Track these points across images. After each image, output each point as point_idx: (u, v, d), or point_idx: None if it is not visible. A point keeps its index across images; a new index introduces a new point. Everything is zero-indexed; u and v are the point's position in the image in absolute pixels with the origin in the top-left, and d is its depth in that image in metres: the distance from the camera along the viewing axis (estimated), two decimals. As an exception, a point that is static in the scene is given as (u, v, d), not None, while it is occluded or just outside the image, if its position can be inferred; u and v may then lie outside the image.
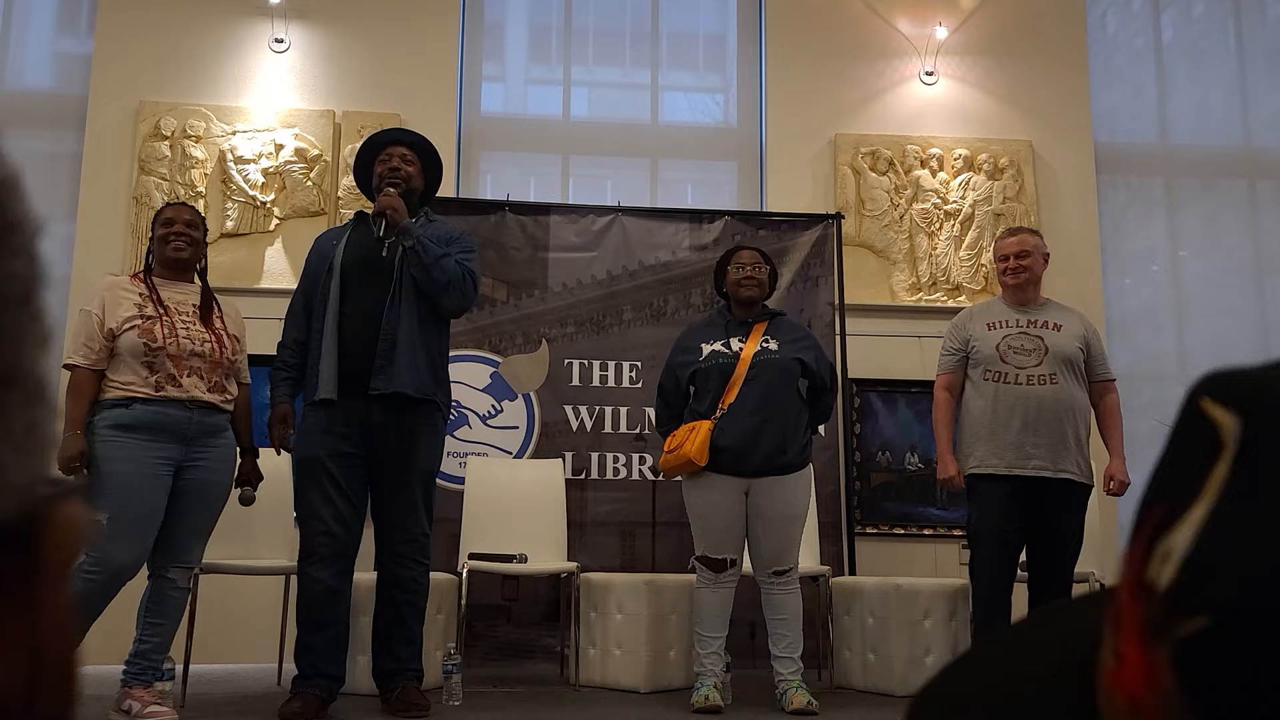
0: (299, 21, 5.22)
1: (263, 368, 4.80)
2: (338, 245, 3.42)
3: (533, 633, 4.55)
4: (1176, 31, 5.95)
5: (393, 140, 3.52)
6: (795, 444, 3.57)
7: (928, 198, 5.30)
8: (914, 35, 5.50)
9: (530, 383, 4.78)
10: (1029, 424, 3.50)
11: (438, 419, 3.40)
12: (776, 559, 3.54)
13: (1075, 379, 3.58)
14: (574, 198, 5.39)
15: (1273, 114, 5.86)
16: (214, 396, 3.21)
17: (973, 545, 3.62)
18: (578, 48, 5.64)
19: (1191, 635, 0.30)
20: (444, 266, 3.30)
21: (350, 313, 3.31)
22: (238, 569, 3.83)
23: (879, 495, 5.01)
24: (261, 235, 4.98)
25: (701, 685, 3.51)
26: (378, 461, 3.30)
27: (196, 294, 3.32)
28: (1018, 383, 3.54)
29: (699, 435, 3.52)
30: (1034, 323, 3.63)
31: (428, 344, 3.35)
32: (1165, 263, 5.68)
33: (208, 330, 3.25)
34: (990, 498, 3.53)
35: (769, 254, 3.90)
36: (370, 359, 3.25)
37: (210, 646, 4.31)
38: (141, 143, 4.97)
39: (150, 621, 3.19)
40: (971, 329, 3.70)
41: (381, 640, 3.36)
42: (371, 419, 3.26)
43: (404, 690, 3.27)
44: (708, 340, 3.67)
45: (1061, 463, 3.49)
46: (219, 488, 3.25)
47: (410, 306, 3.31)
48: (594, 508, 4.68)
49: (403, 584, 3.33)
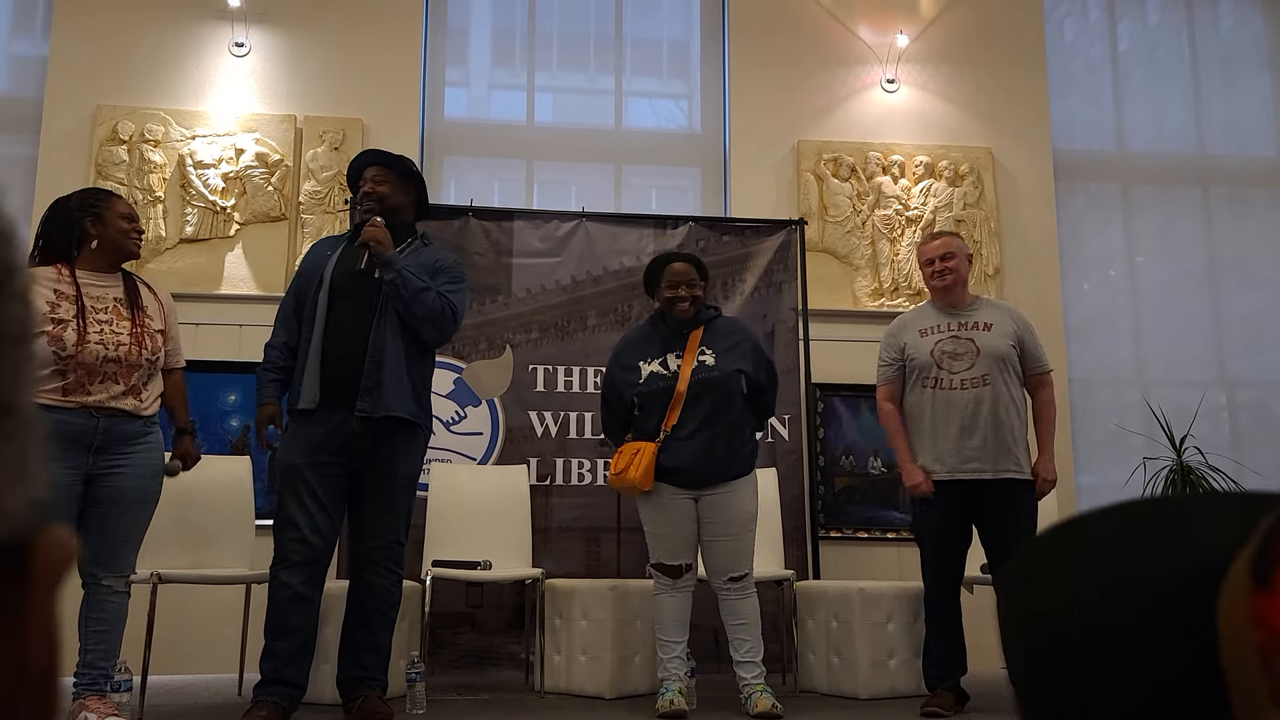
0: (260, 25, 5.18)
1: (224, 374, 4.77)
2: (331, 256, 3.43)
3: (497, 640, 4.53)
4: (1133, 40, 6.05)
5: (369, 162, 3.54)
6: (741, 453, 3.59)
7: (889, 204, 5.35)
8: (875, 43, 5.55)
9: (494, 388, 4.77)
10: (965, 428, 3.56)
11: (419, 434, 3.42)
12: (731, 565, 3.55)
13: (1009, 376, 3.63)
14: (538, 203, 5.38)
15: (1226, 122, 5.97)
16: (128, 402, 3.12)
17: (923, 550, 3.69)
18: (542, 53, 5.63)
19: None
20: (423, 300, 3.31)
21: (337, 326, 3.32)
22: (197, 578, 3.78)
23: (842, 499, 5.04)
24: (222, 241, 4.93)
25: (666, 690, 3.51)
26: (358, 470, 3.31)
27: (119, 285, 3.21)
28: (952, 387, 3.60)
29: (643, 459, 3.52)
30: (964, 325, 3.68)
31: (411, 368, 3.36)
32: (1123, 268, 5.77)
33: (130, 324, 3.14)
34: (931, 504, 3.61)
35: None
36: (354, 374, 3.26)
37: (169, 657, 4.25)
38: (98, 147, 4.90)
39: (93, 631, 3.13)
40: (905, 338, 3.74)
41: (348, 648, 3.34)
42: (352, 432, 3.26)
43: (366, 699, 3.25)
44: (645, 358, 3.65)
45: (1001, 462, 3.56)
46: (141, 493, 3.16)
47: (396, 330, 3.33)
48: (559, 513, 4.67)
49: (375, 592, 3.32)
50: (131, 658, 3.36)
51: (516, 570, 4.15)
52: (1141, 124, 5.91)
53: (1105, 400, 5.52)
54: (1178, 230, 5.81)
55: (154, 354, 3.20)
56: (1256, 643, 0.33)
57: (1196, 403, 5.47)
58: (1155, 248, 5.80)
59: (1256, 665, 0.33)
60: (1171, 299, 5.74)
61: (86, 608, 3.16)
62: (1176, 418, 5.26)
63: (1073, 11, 6.05)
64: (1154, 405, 5.36)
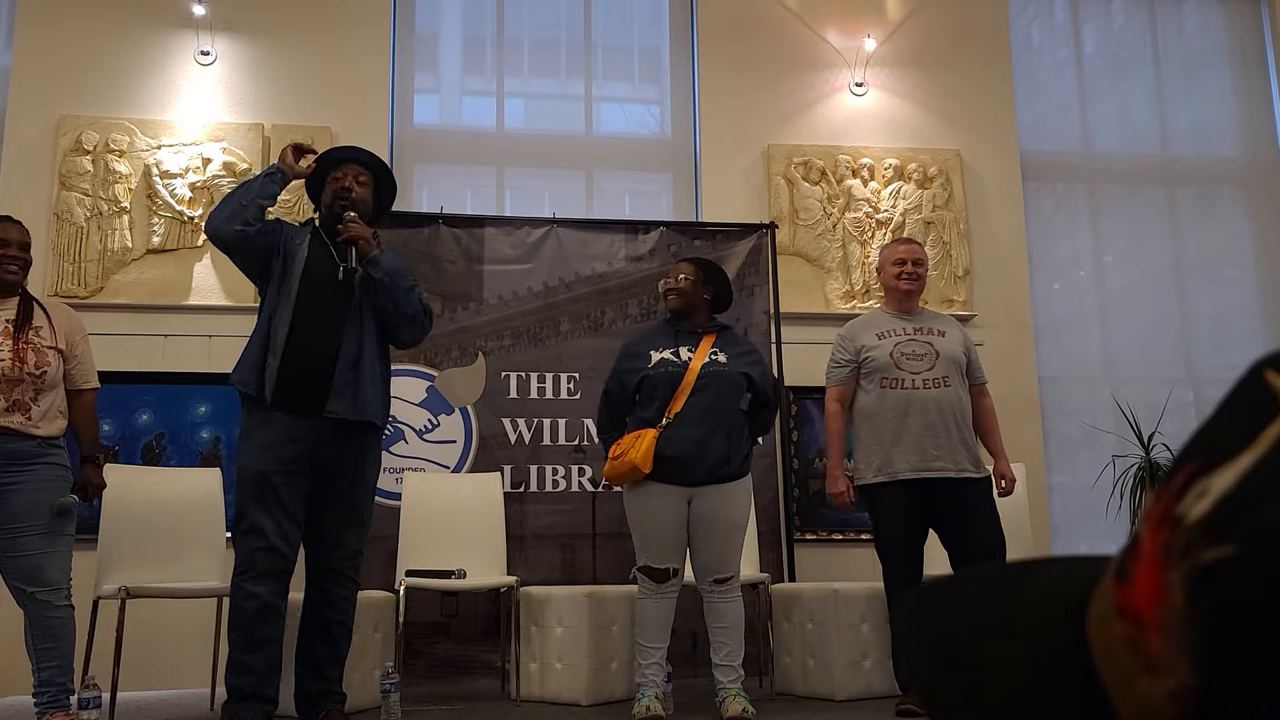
0: (225, 34, 5.14)
1: (194, 385, 4.72)
2: (300, 246, 3.29)
3: (473, 649, 4.50)
4: (1098, 43, 6.12)
5: (349, 158, 3.44)
6: (739, 454, 3.58)
7: (859, 207, 5.38)
8: (843, 47, 5.58)
9: (467, 396, 4.75)
10: (929, 426, 3.59)
11: (380, 438, 3.40)
12: (718, 566, 3.55)
13: (961, 381, 3.71)
14: (510, 209, 5.37)
15: (1189, 124, 6.04)
16: (14, 419, 3.08)
17: (883, 554, 3.68)
18: (512, 59, 5.62)
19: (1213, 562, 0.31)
20: (411, 299, 3.28)
21: (306, 323, 3.18)
22: (166, 591, 3.74)
23: (817, 502, 5.05)
24: (190, 251, 4.88)
25: (642, 695, 3.50)
26: (323, 478, 3.21)
27: (13, 309, 3.18)
28: (913, 387, 3.64)
29: (644, 443, 3.49)
30: (921, 330, 3.74)
31: (382, 370, 3.33)
32: (1091, 268, 5.83)
33: (13, 342, 3.10)
34: (894, 505, 3.61)
35: (710, 263, 3.89)
36: (323, 377, 3.15)
37: (140, 672, 4.20)
38: (62, 157, 4.84)
39: (41, 649, 3.10)
40: (862, 339, 3.77)
41: (308, 661, 3.25)
42: (322, 436, 3.17)
43: (330, 714, 3.20)
44: (657, 347, 3.66)
45: (961, 462, 3.61)
46: (45, 507, 3.13)
47: (370, 331, 3.26)
48: (533, 521, 4.66)
49: (335, 603, 3.26)
50: (100, 674, 3.32)
51: (491, 579, 4.13)
52: (1107, 125, 5.97)
53: (1075, 399, 5.57)
54: (1144, 230, 5.87)
55: (38, 369, 3.15)
56: (1122, 634, 0.34)
57: (1164, 400, 5.52)
58: (1123, 247, 5.86)
59: (1129, 658, 0.33)
60: (1139, 298, 5.80)
61: (30, 626, 3.12)
62: (1145, 415, 5.31)
63: (1039, 15, 6.10)
64: (1123, 403, 5.41)
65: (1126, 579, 0.34)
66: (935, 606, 0.44)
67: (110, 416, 4.58)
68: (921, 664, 0.43)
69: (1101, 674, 0.35)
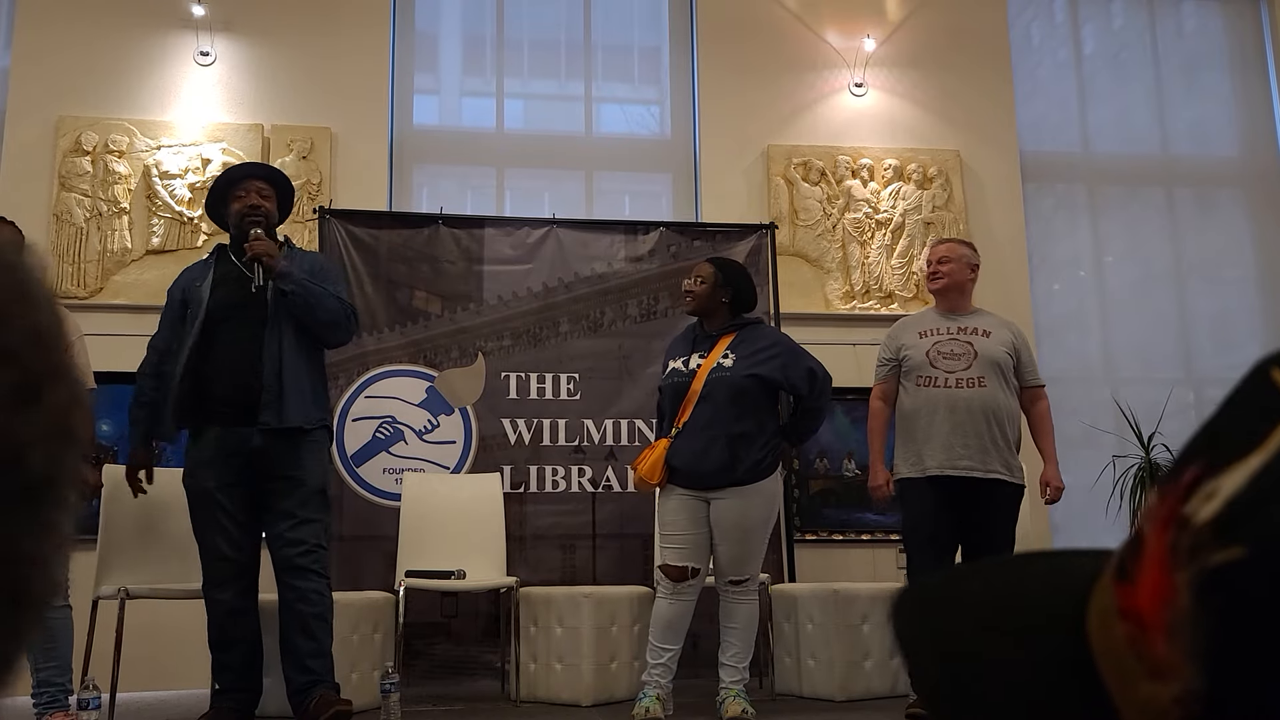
0: (225, 34, 5.14)
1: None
2: (201, 286, 3.42)
3: (473, 649, 4.50)
4: (1097, 44, 6.12)
5: (247, 175, 3.55)
6: (748, 459, 3.55)
7: (859, 207, 5.38)
8: (843, 48, 5.58)
9: (467, 396, 4.75)
10: (957, 426, 3.57)
11: (323, 437, 3.45)
12: (731, 569, 3.59)
13: (1004, 384, 3.66)
14: (509, 210, 5.37)
15: (1189, 124, 6.05)
16: None
17: (908, 548, 3.70)
18: (512, 60, 5.63)
19: (1222, 564, 0.30)
20: (327, 306, 3.37)
21: (226, 344, 3.32)
22: (165, 593, 3.73)
23: (817, 502, 5.05)
24: (190, 251, 4.88)
25: (644, 696, 3.51)
26: (267, 483, 3.33)
27: None
28: (946, 386, 3.62)
29: (654, 454, 3.61)
30: (964, 329, 3.71)
31: (309, 372, 3.41)
32: (1091, 268, 5.83)
33: None
34: (921, 501, 3.60)
35: (730, 263, 3.89)
36: (251, 391, 3.28)
37: (139, 673, 4.20)
38: (62, 158, 4.84)
39: (41, 649, 3.12)
40: (903, 338, 3.77)
41: (291, 656, 3.31)
42: (257, 446, 3.29)
43: (322, 697, 3.21)
44: (674, 356, 3.74)
45: (990, 463, 3.57)
46: None
47: (290, 338, 3.35)
48: (533, 521, 4.66)
49: (305, 597, 3.30)
50: (100, 674, 3.31)
51: (491, 579, 4.13)
52: (1107, 126, 5.97)
53: (1076, 399, 5.57)
54: (1144, 230, 5.87)
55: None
56: (1125, 635, 0.34)
57: (1164, 400, 5.52)
58: (1122, 248, 5.86)
59: (1132, 660, 0.33)
60: (1139, 298, 5.80)
61: None
62: (1145, 415, 5.31)
63: (1039, 15, 6.11)
64: (1123, 404, 5.41)
65: (1129, 579, 0.34)
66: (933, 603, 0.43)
67: (109, 417, 4.57)
68: (921, 662, 0.42)
69: (1103, 673, 0.35)
